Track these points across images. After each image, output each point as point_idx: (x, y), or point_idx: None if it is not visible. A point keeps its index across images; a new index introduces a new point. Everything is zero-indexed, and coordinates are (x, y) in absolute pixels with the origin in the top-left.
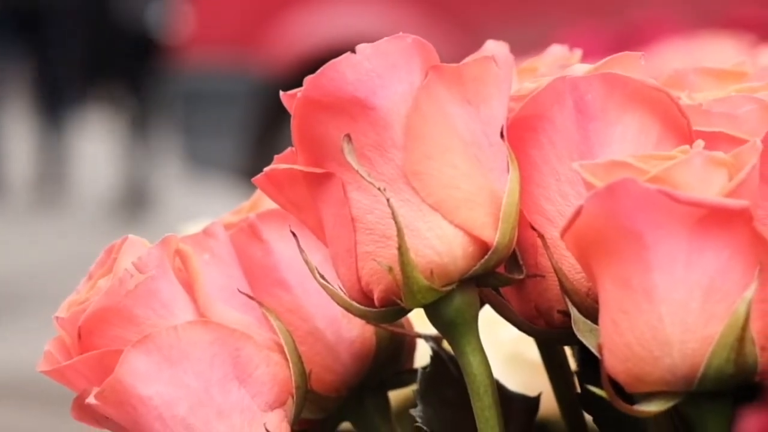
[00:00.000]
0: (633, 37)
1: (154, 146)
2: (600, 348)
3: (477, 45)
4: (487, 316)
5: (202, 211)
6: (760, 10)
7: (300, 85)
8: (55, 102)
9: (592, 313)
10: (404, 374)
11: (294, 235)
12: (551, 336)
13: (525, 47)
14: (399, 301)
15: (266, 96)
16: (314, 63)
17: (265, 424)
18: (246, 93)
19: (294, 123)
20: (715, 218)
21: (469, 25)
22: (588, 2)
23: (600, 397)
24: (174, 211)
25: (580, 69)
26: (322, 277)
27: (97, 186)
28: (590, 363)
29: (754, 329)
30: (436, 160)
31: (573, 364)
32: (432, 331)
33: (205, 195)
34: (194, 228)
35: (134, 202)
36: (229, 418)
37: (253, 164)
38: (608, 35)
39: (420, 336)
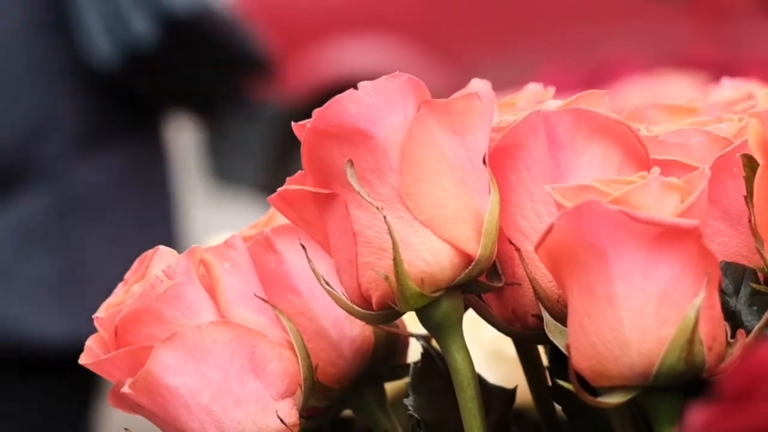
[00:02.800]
0: (602, 75)
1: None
2: (568, 347)
3: (468, 78)
4: (472, 318)
5: (227, 222)
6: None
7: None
8: None
9: (561, 317)
10: (398, 368)
11: (303, 247)
12: (526, 336)
13: (509, 80)
14: (394, 305)
15: (283, 123)
16: (326, 95)
17: (277, 411)
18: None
19: (304, 149)
20: (668, 235)
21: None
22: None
23: (568, 390)
24: (200, 223)
25: (553, 104)
26: (328, 284)
27: None
28: (560, 360)
29: (703, 332)
30: (427, 183)
31: (545, 361)
32: (423, 331)
33: (229, 208)
34: (217, 240)
35: None
36: (246, 405)
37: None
38: (580, 72)
39: (412, 335)
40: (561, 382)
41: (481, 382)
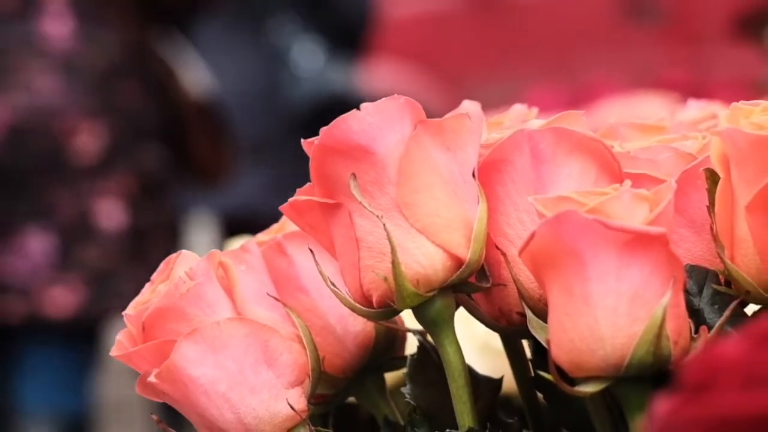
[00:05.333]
0: (584, 95)
1: None
2: (549, 342)
3: (464, 97)
4: (465, 316)
5: None
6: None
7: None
8: None
9: (543, 314)
10: (397, 360)
11: (312, 251)
12: (511, 332)
13: (501, 101)
14: (392, 304)
15: None
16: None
17: (287, 398)
18: None
19: (312, 164)
20: (639, 241)
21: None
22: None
23: (549, 380)
24: None
25: (536, 123)
26: (333, 284)
27: None
28: (542, 353)
29: (669, 328)
30: (422, 194)
31: (529, 354)
32: (419, 327)
33: None
34: (235, 245)
35: None
36: (260, 393)
37: None
38: (564, 93)
39: (409, 330)
40: (542, 373)
41: (471, 373)
